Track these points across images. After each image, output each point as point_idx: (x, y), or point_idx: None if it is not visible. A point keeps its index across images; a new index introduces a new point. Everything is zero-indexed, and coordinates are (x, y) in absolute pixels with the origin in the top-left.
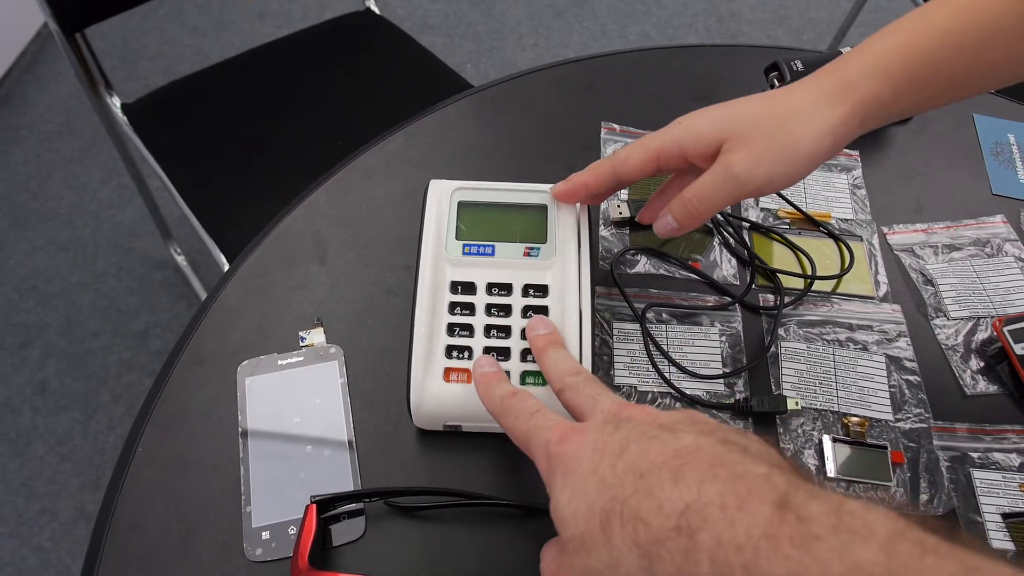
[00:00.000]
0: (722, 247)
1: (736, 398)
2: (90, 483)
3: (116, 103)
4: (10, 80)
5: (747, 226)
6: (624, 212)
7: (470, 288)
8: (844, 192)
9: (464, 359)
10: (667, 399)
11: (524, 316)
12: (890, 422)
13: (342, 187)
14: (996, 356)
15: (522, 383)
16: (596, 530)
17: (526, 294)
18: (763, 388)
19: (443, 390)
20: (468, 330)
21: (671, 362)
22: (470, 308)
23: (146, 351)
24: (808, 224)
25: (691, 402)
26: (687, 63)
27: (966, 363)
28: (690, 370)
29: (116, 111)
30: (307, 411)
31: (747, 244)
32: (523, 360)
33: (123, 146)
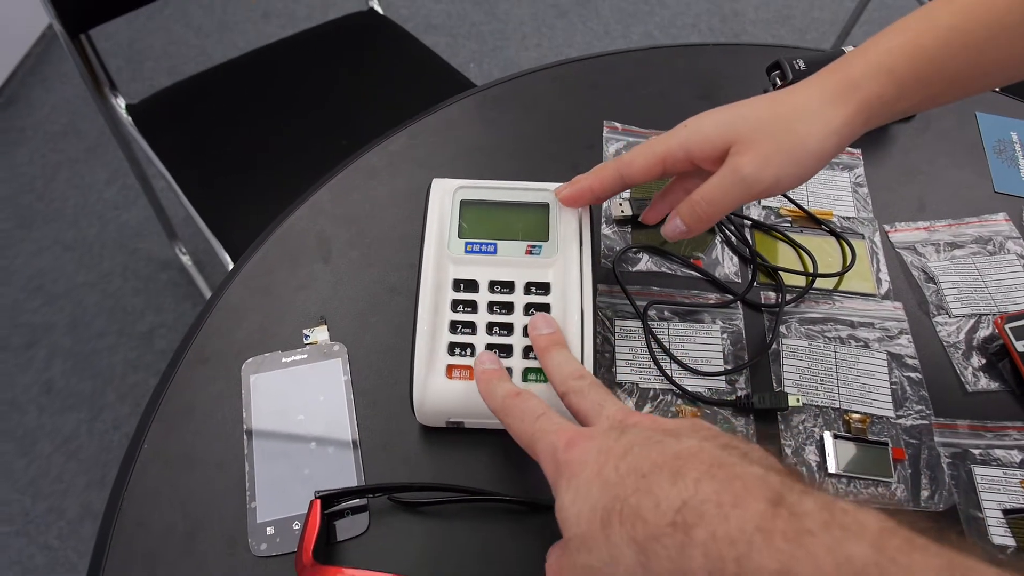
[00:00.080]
0: (724, 245)
1: (738, 395)
2: (96, 482)
3: (121, 104)
4: (15, 81)
5: (749, 224)
6: (626, 210)
7: (472, 286)
8: (846, 190)
9: (467, 356)
10: (669, 396)
11: (526, 314)
12: (891, 419)
13: (345, 186)
14: (997, 353)
15: (524, 380)
16: (597, 529)
17: (528, 292)
18: (765, 385)
19: (446, 387)
20: (470, 327)
21: (673, 359)
22: (472, 306)
23: (151, 351)
24: (810, 222)
25: (693, 399)
26: (690, 62)
27: (967, 360)
28: (692, 367)
29: (121, 112)
30: (311, 408)
31: (749, 242)
32: (525, 357)
33: (128, 147)
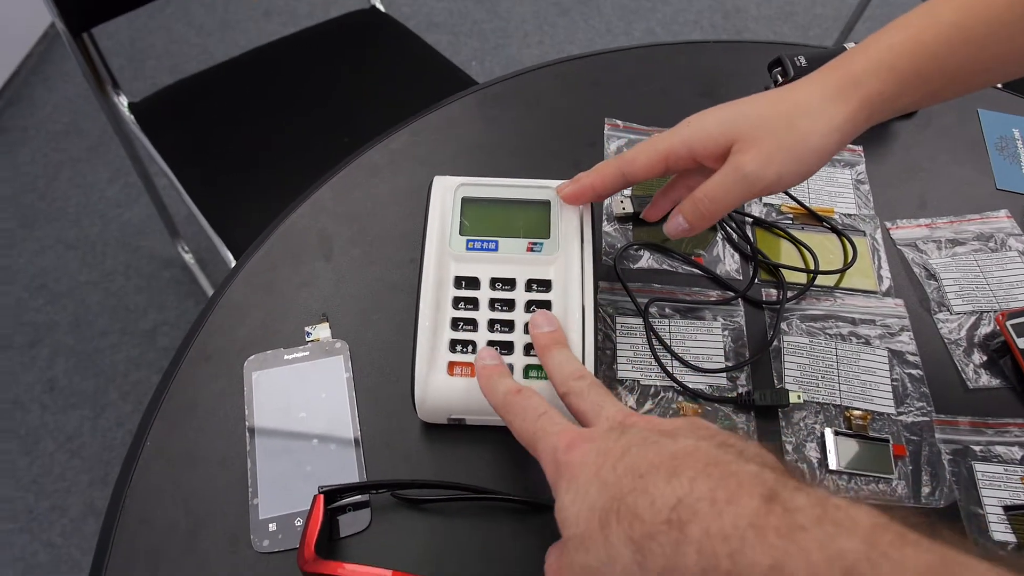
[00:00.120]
0: (725, 242)
1: (739, 391)
2: (99, 480)
3: (123, 102)
4: (17, 80)
5: (750, 221)
6: (627, 207)
7: (474, 283)
8: (847, 187)
9: (468, 353)
10: (670, 393)
11: (527, 311)
12: (892, 415)
13: (347, 184)
14: (999, 350)
15: (525, 377)
16: (595, 528)
17: (529, 289)
18: (765, 382)
19: (447, 384)
20: (472, 324)
21: (674, 356)
22: (474, 303)
23: (154, 348)
24: (811, 219)
25: (694, 396)
26: (691, 59)
27: (969, 357)
28: (693, 364)
29: (123, 110)
30: (313, 405)
31: (750, 239)
32: (526, 354)
33: (130, 145)
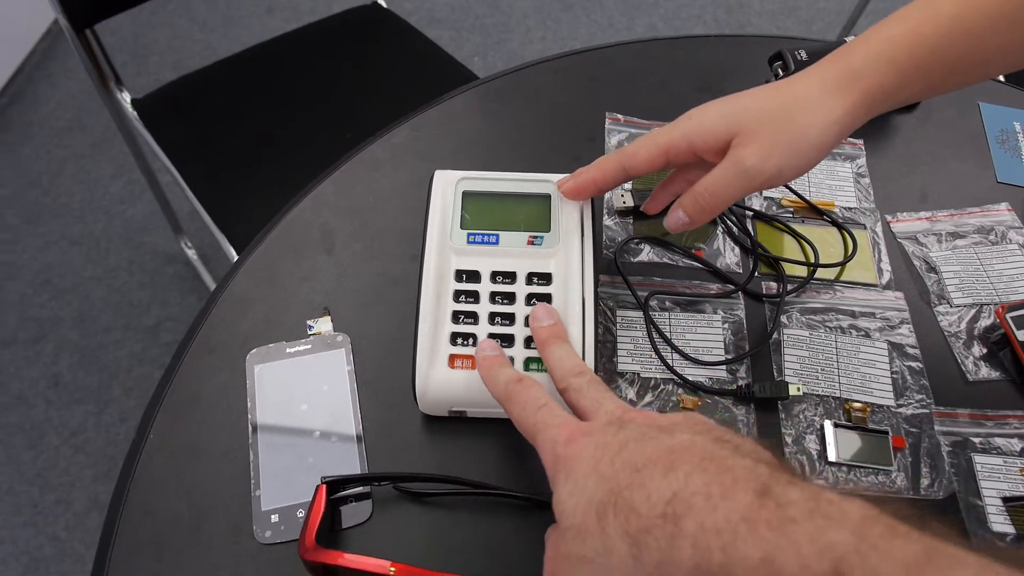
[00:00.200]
0: (725, 235)
1: (738, 384)
2: (103, 474)
3: (126, 98)
4: (21, 77)
5: (750, 214)
6: (628, 201)
7: (474, 276)
8: (848, 180)
9: (468, 346)
10: (670, 385)
11: (528, 304)
12: (892, 408)
13: (349, 179)
14: (999, 342)
15: (526, 369)
16: (593, 521)
17: (530, 282)
18: (765, 374)
19: (448, 376)
20: (472, 317)
21: (674, 349)
22: (474, 296)
23: (157, 344)
24: (812, 212)
25: (694, 388)
26: (691, 54)
27: (968, 350)
28: (693, 357)
29: (126, 106)
30: (315, 398)
31: (750, 232)
32: (527, 347)
33: (133, 141)
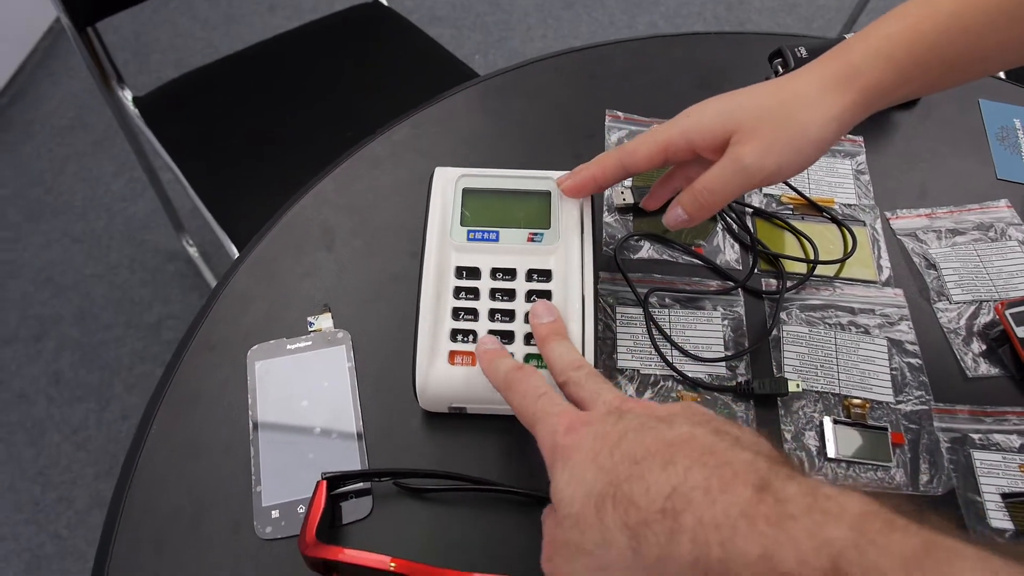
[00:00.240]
0: (725, 232)
1: (738, 381)
2: (105, 472)
3: (128, 96)
4: (23, 75)
5: (750, 211)
6: (628, 198)
7: (475, 273)
8: (848, 177)
9: (469, 342)
10: (669, 382)
11: (528, 300)
12: (891, 404)
13: (349, 176)
14: (998, 339)
15: None
16: (591, 512)
17: (530, 279)
18: (765, 371)
19: (448, 373)
20: (472, 314)
21: (674, 346)
22: (474, 293)
23: (159, 341)
24: (811, 209)
25: (693, 385)
26: (690, 51)
27: (968, 346)
28: (692, 353)
29: (128, 104)
30: (315, 394)
31: (750, 229)
32: (527, 343)
33: (135, 139)
